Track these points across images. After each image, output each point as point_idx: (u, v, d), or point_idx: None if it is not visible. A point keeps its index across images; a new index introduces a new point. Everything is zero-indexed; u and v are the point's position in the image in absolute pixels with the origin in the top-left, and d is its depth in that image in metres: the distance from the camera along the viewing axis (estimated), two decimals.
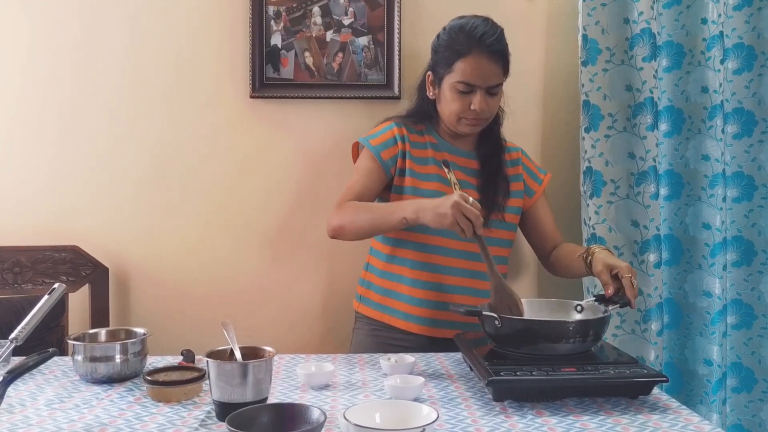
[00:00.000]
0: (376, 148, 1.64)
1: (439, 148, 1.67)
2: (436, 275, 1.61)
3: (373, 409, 1.05)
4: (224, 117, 2.00)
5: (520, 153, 1.77)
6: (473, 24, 1.56)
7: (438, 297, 1.61)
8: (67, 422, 1.11)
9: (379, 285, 1.68)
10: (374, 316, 1.69)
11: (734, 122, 1.99)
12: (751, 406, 2.03)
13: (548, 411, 1.15)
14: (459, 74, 1.55)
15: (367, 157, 1.66)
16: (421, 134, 1.68)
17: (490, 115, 1.61)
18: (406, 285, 1.63)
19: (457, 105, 1.58)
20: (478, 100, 1.56)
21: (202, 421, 1.11)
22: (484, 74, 1.55)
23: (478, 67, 1.54)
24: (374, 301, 1.69)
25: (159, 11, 1.97)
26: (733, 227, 2.01)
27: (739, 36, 1.98)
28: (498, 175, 1.67)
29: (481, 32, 1.54)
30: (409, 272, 1.63)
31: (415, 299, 1.62)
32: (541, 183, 1.77)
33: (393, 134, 1.66)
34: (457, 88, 1.56)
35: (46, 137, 1.98)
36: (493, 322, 1.28)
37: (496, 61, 1.55)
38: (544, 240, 1.76)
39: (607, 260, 1.44)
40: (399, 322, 1.64)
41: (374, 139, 1.67)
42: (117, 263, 1.99)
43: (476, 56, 1.53)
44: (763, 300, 2.00)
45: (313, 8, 1.97)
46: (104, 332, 1.42)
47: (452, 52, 1.56)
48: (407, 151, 1.64)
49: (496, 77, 1.56)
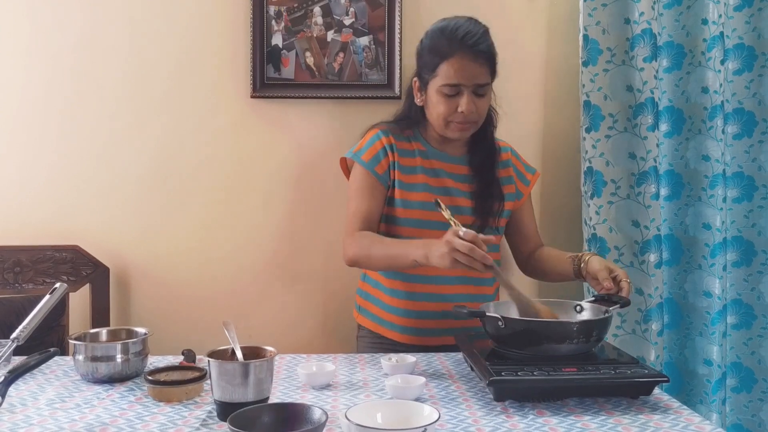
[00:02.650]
0: (369, 164, 1.59)
1: (428, 155, 1.63)
2: (429, 286, 1.60)
3: (375, 409, 1.05)
4: (225, 117, 2.00)
5: (510, 153, 1.72)
6: (455, 25, 1.52)
7: (432, 307, 1.59)
8: (69, 422, 1.11)
9: (376, 297, 1.67)
10: (373, 328, 1.68)
11: (734, 122, 2.00)
12: (751, 406, 2.03)
13: (549, 411, 1.15)
14: (443, 77, 1.51)
15: (362, 174, 1.61)
16: (408, 141, 1.63)
17: (478, 117, 1.56)
18: (401, 299, 1.61)
19: (443, 108, 1.53)
20: (465, 101, 1.51)
21: (204, 421, 1.11)
22: (468, 74, 1.50)
23: (462, 68, 1.50)
24: (372, 313, 1.68)
25: (160, 11, 1.97)
26: (733, 227, 2.01)
27: (740, 36, 1.98)
28: (493, 182, 1.63)
29: (463, 32, 1.50)
30: (402, 285, 1.61)
31: (412, 312, 1.60)
32: (528, 184, 1.72)
33: (382, 145, 1.61)
34: (443, 92, 1.52)
35: (47, 137, 1.98)
36: (497, 323, 1.28)
37: (480, 61, 1.51)
38: (525, 242, 1.73)
39: (605, 263, 1.46)
40: (397, 335, 1.62)
41: (364, 153, 1.61)
42: (118, 263, 1.99)
43: (459, 57, 1.49)
44: (762, 300, 2.01)
45: (314, 8, 1.97)
46: (105, 332, 1.42)
47: (435, 55, 1.52)
48: (396, 161, 1.60)
49: (482, 77, 1.52)
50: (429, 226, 1.56)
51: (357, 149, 1.64)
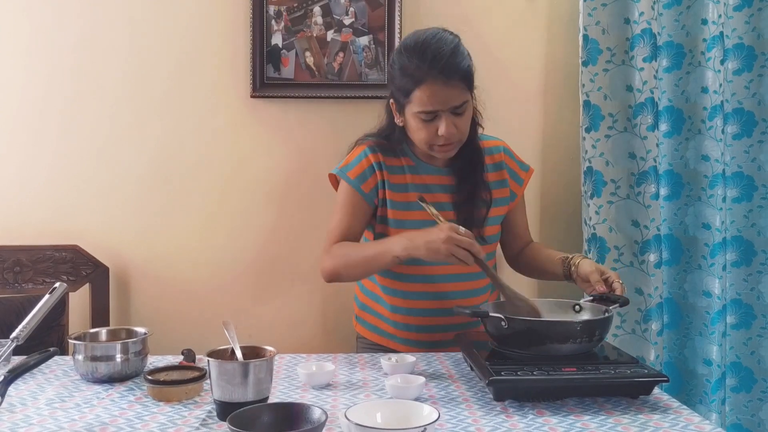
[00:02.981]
0: (354, 182, 1.56)
1: (417, 170, 1.58)
2: (428, 302, 1.59)
3: (374, 409, 1.05)
4: (225, 116, 2.00)
5: (503, 153, 1.65)
6: (423, 45, 1.44)
7: (433, 321, 1.59)
8: (68, 421, 1.11)
9: (374, 309, 1.66)
10: (375, 339, 1.67)
11: (734, 122, 2.00)
12: (751, 406, 2.03)
13: (549, 411, 1.15)
14: (418, 104, 1.45)
15: (347, 191, 1.57)
16: (397, 156, 1.59)
17: (461, 135, 1.50)
18: (401, 314, 1.60)
19: (423, 134, 1.48)
20: (444, 125, 1.45)
21: (203, 421, 1.11)
22: (442, 99, 1.44)
23: (434, 94, 1.43)
24: (373, 325, 1.67)
25: (160, 11, 1.97)
26: (732, 227, 2.01)
27: (739, 36, 1.98)
28: (477, 190, 1.57)
29: (432, 55, 1.42)
30: (402, 302, 1.60)
31: (412, 326, 1.60)
32: (522, 183, 1.67)
33: (369, 163, 1.56)
34: (420, 117, 1.46)
35: (46, 137, 1.98)
36: (499, 324, 1.27)
37: (453, 83, 1.43)
38: (516, 239, 1.70)
39: (596, 265, 1.46)
40: (400, 346, 1.61)
41: (351, 170, 1.57)
42: (117, 263, 1.99)
43: (431, 83, 1.42)
44: (762, 300, 2.01)
45: (314, 8, 1.97)
46: (105, 332, 1.42)
47: (407, 80, 1.45)
48: (385, 180, 1.56)
49: (456, 98, 1.45)
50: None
51: (343, 165, 1.60)
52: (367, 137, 1.63)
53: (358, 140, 1.65)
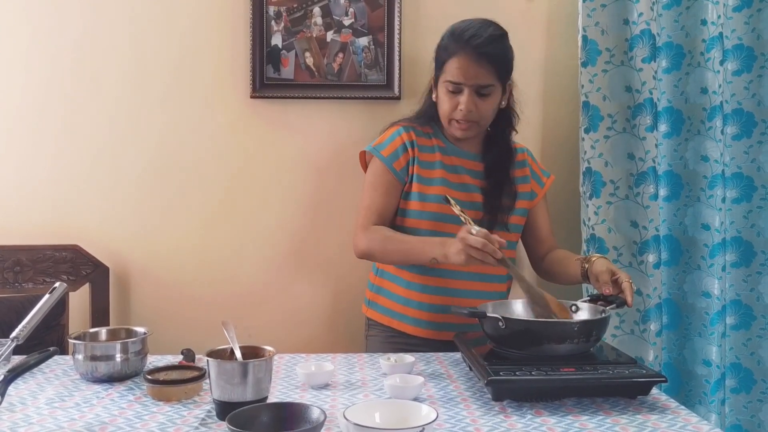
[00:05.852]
0: (388, 159, 1.63)
1: (447, 152, 1.65)
2: (444, 280, 1.61)
3: (373, 409, 1.05)
4: (225, 117, 2.00)
5: (526, 154, 1.76)
6: (467, 26, 1.57)
7: (446, 301, 1.60)
8: (68, 421, 1.11)
9: (391, 291, 1.67)
10: (384, 321, 1.68)
11: (733, 123, 2.00)
12: (750, 407, 2.03)
13: (547, 411, 1.15)
14: (448, 74, 1.56)
15: (379, 169, 1.64)
16: (428, 137, 1.66)
17: (479, 117, 1.58)
18: (416, 291, 1.63)
19: (447, 105, 1.58)
20: (465, 99, 1.55)
21: (203, 421, 1.11)
22: (469, 73, 1.54)
23: (463, 66, 1.54)
24: (384, 306, 1.69)
25: (160, 11, 1.97)
26: (732, 228, 2.01)
27: (739, 37, 1.98)
28: (504, 181, 1.66)
29: (470, 34, 1.54)
30: (419, 278, 1.62)
31: (425, 304, 1.62)
32: (543, 186, 1.76)
33: (402, 141, 1.64)
34: (447, 88, 1.57)
35: (46, 137, 1.98)
36: (497, 324, 1.28)
37: (483, 62, 1.53)
38: (540, 243, 1.74)
39: (610, 266, 1.47)
40: (409, 327, 1.64)
41: (384, 149, 1.64)
42: (117, 262, 2.00)
43: (462, 56, 1.54)
44: (762, 301, 2.01)
45: (314, 9, 1.97)
46: (105, 331, 1.42)
47: (444, 53, 1.58)
48: (416, 156, 1.63)
49: (484, 78, 1.54)
50: (444, 220, 1.57)
51: (377, 143, 1.67)
52: (401, 120, 1.71)
53: (391, 123, 1.72)
